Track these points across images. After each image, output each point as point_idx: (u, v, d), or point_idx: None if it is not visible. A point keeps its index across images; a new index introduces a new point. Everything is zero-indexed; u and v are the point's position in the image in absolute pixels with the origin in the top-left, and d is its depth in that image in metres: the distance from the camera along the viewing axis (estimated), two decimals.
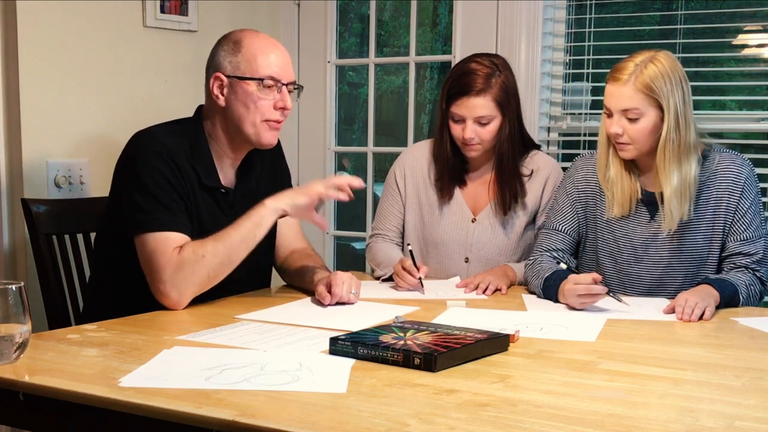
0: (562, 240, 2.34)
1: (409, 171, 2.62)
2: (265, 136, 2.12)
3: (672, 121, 2.12)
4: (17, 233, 2.53)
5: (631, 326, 1.91)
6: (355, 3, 3.57)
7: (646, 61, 2.13)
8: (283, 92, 2.11)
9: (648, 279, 2.28)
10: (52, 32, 2.58)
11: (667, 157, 2.14)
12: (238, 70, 2.08)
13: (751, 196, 2.21)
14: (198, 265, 1.95)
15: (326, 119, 3.47)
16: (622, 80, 2.13)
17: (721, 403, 1.34)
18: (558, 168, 2.59)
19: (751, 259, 2.20)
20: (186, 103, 2.93)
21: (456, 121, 2.46)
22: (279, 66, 2.10)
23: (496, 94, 2.42)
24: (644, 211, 2.27)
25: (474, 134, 2.43)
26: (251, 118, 2.09)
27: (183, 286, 1.96)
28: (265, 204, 2.03)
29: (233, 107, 2.09)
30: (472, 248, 2.54)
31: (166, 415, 1.26)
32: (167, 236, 1.98)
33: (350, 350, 1.55)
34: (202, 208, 2.09)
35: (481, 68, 2.43)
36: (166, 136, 2.08)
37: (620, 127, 2.15)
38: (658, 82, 2.11)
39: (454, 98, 2.43)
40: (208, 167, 2.11)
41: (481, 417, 1.24)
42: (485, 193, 2.56)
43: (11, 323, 1.46)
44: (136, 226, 2.00)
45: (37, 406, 1.41)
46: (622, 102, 2.13)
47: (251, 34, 2.13)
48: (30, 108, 2.52)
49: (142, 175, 2.01)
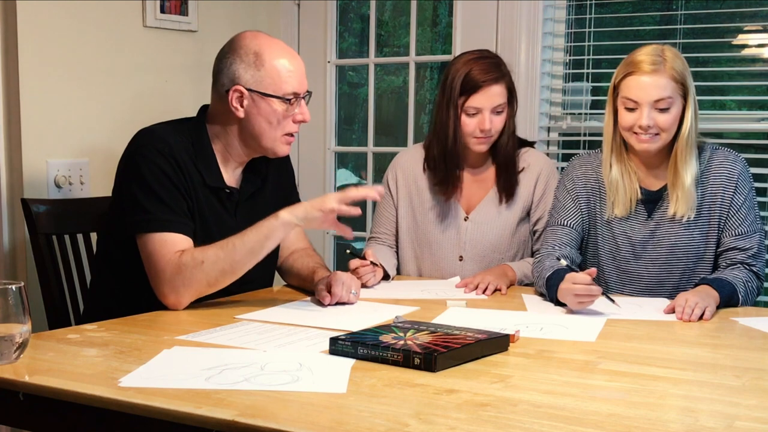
0: (568, 234, 2.33)
1: (401, 174, 2.63)
2: (282, 149, 2.13)
3: (692, 108, 2.16)
4: (17, 233, 2.53)
5: (631, 326, 1.91)
6: (355, 3, 3.57)
7: (665, 52, 2.15)
8: (302, 105, 2.12)
9: (647, 276, 2.28)
10: (52, 32, 2.58)
11: (689, 146, 2.17)
12: (261, 85, 2.06)
13: (745, 191, 2.23)
14: (196, 271, 1.94)
15: (326, 119, 3.47)
16: (653, 70, 2.12)
17: (720, 403, 1.34)
18: (549, 164, 2.61)
19: (747, 254, 2.20)
20: (186, 103, 2.94)
21: (471, 114, 2.45)
22: (299, 79, 2.10)
23: (508, 81, 2.48)
24: (642, 210, 2.27)
25: (491, 125, 2.44)
26: (272, 134, 2.09)
27: (181, 290, 1.95)
28: (278, 216, 1.98)
29: (254, 121, 2.08)
30: (465, 246, 2.55)
31: (166, 415, 1.26)
32: (168, 238, 1.98)
33: (350, 350, 1.55)
34: (206, 208, 2.09)
35: (485, 60, 2.46)
36: (169, 134, 2.08)
37: (651, 119, 2.14)
38: (684, 71, 2.15)
39: (472, 91, 2.43)
40: (212, 167, 2.11)
41: (481, 417, 1.24)
42: (477, 191, 2.57)
43: (11, 323, 1.46)
44: (138, 226, 1.99)
45: (37, 406, 1.41)
46: (656, 92, 2.12)
47: (269, 43, 2.09)
48: (30, 108, 2.52)
49: (145, 173, 2.00)
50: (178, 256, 1.96)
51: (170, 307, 1.97)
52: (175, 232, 1.99)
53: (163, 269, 1.95)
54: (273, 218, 1.98)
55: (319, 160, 3.50)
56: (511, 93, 2.48)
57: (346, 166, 3.78)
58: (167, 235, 1.98)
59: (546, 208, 2.52)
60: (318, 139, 3.49)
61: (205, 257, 1.95)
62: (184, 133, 2.10)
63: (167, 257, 1.96)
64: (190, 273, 1.94)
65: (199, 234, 2.06)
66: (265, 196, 2.23)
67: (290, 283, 2.37)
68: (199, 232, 2.06)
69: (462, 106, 2.45)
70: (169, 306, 1.97)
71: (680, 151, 2.18)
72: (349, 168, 3.79)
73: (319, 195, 3.42)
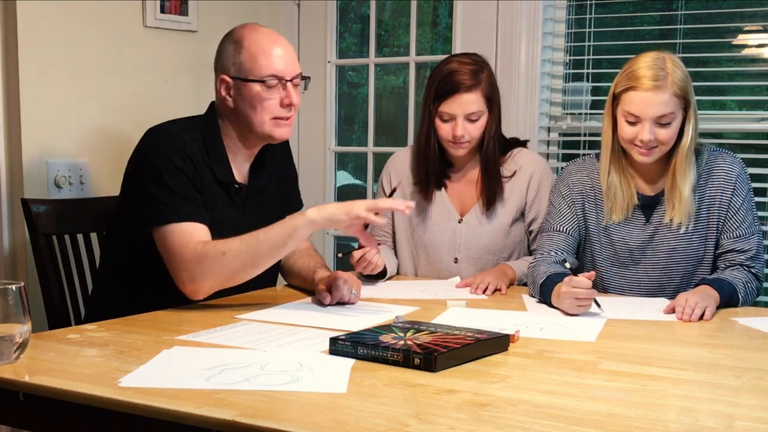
0: (565, 240, 2.33)
1: (395, 175, 2.64)
2: (276, 132, 2.12)
3: (693, 120, 2.15)
4: (17, 233, 2.53)
5: (631, 326, 1.91)
6: (355, 3, 3.57)
7: (666, 63, 2.12)
8: (288, 88, 2.10)
9: (646, 281, 2.28)
10: (52, 32, 2.57)
11: (687, 157, 2.17)
12: (241, 71, 2.07)
13: (744, 193, 2.22)
14: (216, 261, 1.93)
15: (326, 119, 3.47)
16: (655, 87, 2.09)
17: (720, 403, 1.34)
18: (542, 163, 2.61)
19: (745, 256, 2.20)
20: (186, 102, 2.94)
21: (445, 120, 2.46)
22: (281, 62, 2.09)
23: (484, 89, 2.45)
24: (639, 215, 2.27)
25: (464, 132, 2.44)
26: (259, 118, 2.09)
27: (200, 279, 1.94)
28: (305, 214, 1.95)
29: (241, 108, 2.09)
30: (460, 248, 2.55)
31: (166, 415, 1.26)
32: (187, 228, 1.97)
33: (350, 350, 1.55)
34: (217, 203, 2.09)
35: (465, 66, 2.45)
36: (180, 131, 2.08)
37: (652, 133, 2.12)
38: (686, 84, 2.13)
39: (444, 97, 2.43)
40: (223, 162, 2.11)
41: (481, 417, 1.24)
42: (471, 193, 2.57)
43: (11, 323, 1.46)
44: (155, 219, 1.98)
45: (37, 406, 1.41)
46: (658, 109, 2.10)
47: (251, 32, 2.11)
48: (30, 108, 2.52)
49: (160, 168, 2.00)
50: (201, 246, 1.94)
51: (188, 295, 1.97)
52: (194, 222, 1.98)
53: (183, 258, 1.94)
54: (300, 215, 1.97)
55: (319, 160, 3.50)
56: (490, 100, 2.46)
57: (346, 166, 3.78)
58: (186, 224, 1.97)
59: (540, 207, 2.52)
60: (318, 139, 3.49)
61: (227, 249, 1.93)
62: (195, 130, 2.11)
63: (189, 246, 1.94)
64: (211, 263, 1.93)
65: (212, 228, 2.05)
66: (272, 193, 2.24)
67: (291, 283, 2.37)
68: (211, 226, 2.06)
69: (436, 110, 2.46)
70: (187, 294, 1.97)
71: (679, 163, 2.17)
72: (349, 168, 3.79)
73: (318, 195, 3.46)
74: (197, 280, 1.94)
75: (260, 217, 2.15)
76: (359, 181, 3.71)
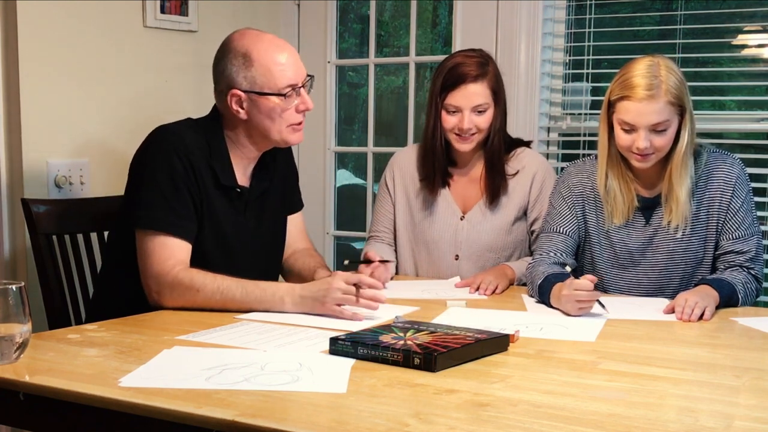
0: (564, 241, 2.32)
1: (399, 172, 2.64)
2: (292, 138, 2.14)
3: (689, 124, 2.14)
4: (17, 233, 2.53)
5: (631, 326, 1.91)
6: (355, 3, 3.57)
7: (660, 70, 2.10)
8: (302, 95, 2.11)
9: (646, 282, 2.28)
10: (52, 32, 2.57)
11: (684, 160, 2.16)
12: (255, 85, 2.06)
13: (743, 194, 2.22)
14: (188, 294, 1.95)
15: (326, 119, 3.47)
16: (649, 96, 2.08)
17: (720, 403, 1.34)
18: (545, 164, 2.61)
19: (745, 257, 2.20)
20: (186, 103, 2.94)
21: (451, 112, 2.46)
22: (293, 69, 2.09)
23: (491, 81, 2.45)
24: (639, 217, 2.27)
25: (471, 124, 2.44)
26: (277, 127, 2.10)
27: (167, 300, 1.97)
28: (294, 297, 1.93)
29: (257, 120, 2.09)
30: (461, 246, 2.55)
31: (166, 415, 1.26)
32: (168, 242, 1.98)
33: (350, 350, 1.55)
34: (217, 207, 2.09)
35: (471, 59, 2.46)
36: (185, 132, 2.08)
37: (648, 141, 2.12)
38: (680, 90, 2.12)
39: (451, 88, 2.43)
40: (226, 166, 2.11)
41: (481, 417, 1.24)
42: (473, 191, 2.57)
43: (11, 323, 1.46)
44: (140, 221, 2.00)
45: (37, 406, 1.41)
46: (653, 117, 2.09)
47: (255, 41, 2.08)
48: (30, 108, 2.52)
49: (155, 169, 2.01)
50: (179, 272, 1.95)
51: (149, 301, 2.00)
52: (175, 237, 1.99)
53: (160, 274, 1.96)
54: (290, 293, 1.94)
55: (319, 160, 3.50)
56: (496, 93, 2.46)
57: (346, 166, 3.78)
58: (168, 238, 1.98)
59: (543, 207, 2.51)
60: (318, 139, 3.49)
61: (203, 288, 1.94)
62: (200, 132, 2.11)
63: (167, 264, 1.96)
64: (183, 293, 1.95)
65: (211, 233, 2.06)
66: (273, 196, 2.24)
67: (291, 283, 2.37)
68: (210, 231, 2.06)
69: (442, 102, 2.46)
70: (148, 299, 2.00)
71: (675, 167, 2.17)
72: (349, 168, 3.79)
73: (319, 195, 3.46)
74: (164, 299, 1.97)
75: (261, 221, 2.15)
76: (359, 181, 3.71)
